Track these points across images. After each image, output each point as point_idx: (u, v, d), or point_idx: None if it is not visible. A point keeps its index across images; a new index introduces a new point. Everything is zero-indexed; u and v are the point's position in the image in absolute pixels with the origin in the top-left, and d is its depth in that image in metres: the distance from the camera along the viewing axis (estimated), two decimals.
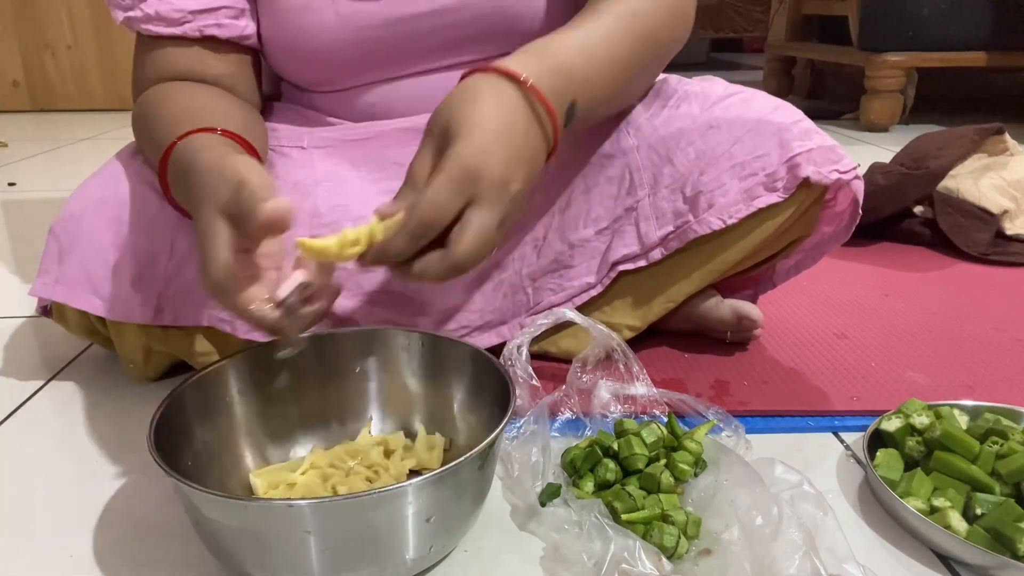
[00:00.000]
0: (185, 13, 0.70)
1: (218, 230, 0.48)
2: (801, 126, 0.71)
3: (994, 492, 0.55)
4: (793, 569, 0.46)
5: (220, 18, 0.71)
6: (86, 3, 2.58)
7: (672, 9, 0.69)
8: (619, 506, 0.53)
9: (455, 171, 0.50)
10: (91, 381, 0.78)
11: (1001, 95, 2.67)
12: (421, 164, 0.53)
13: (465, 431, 0.62)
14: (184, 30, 0.70)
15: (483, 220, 0.50)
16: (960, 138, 1.24)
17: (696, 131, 0.71)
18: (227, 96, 0.72)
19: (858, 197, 0.72)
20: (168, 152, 0.60)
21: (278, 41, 0.75)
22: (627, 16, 0.65)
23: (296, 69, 0.77)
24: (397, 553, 0.47)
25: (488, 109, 0.53)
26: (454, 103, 0.54)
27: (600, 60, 0.63)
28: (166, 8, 0.69)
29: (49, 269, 0.69)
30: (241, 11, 0.73)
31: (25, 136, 2.25)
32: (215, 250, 0.48)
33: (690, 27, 0.72)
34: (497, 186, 0.51)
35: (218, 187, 0.50)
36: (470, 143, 0.51)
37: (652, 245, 0.73)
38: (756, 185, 0.70)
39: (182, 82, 0.72)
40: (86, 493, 0.60)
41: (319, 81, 0.78)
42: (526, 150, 0.54)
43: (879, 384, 0.75)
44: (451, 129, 0.52)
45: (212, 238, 0.48)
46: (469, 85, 0.55)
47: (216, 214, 0.49)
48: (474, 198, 0.50)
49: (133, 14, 0.70)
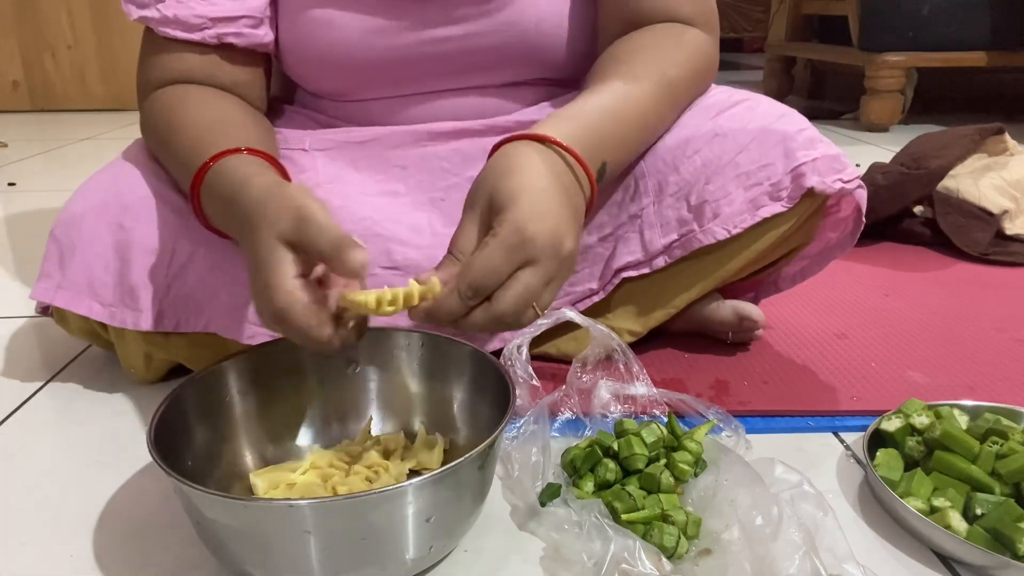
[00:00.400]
0: (205, 20, 0.69)
1: (282, 257, 0.49)
2: (806, 135, 0.70)
3: (994, 492, 0.55)
4: (793, 569, 0.46)
5: (240, 27, 0.71)
6: (86, 3, 2.58)
7: (698, 71, 0.72)
8: (619, 506, 0.53)
9: (510, 237, 0.51)
10: (91, 381, 0.78)
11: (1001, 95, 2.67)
12: (466, 237, 0.54)
13: (465, 431, 0.62)
14: (203, 36, 0.70)
15: (528, 278, 0.51)
16: (960, 138, 1.24)
17: (702, 139, 0.71)
18: (243, 106, 0.73)
19: (861, 205, 0.72)
20: (200, 175, 0.60)
21: (298, 53, 0.75)
22: (662, 83, 0.68)
23: (314, 79, 0.78)
24: (397, 553, 0.47)
25: (532, 174, 0.54)
26: (495, 175, 0.54)
27: (630, 124, 0.65)
28: (185, 13, 0.69)
29: (50, 273, 0.69)
30: (260, 20, 0.72)
31: (25, 136, 2.25)
32: (280, 278, 0.48)
33: (714, 76, 0.76)
34: (551, 250, 0.52)
35: (277, 215, 0.50)
36: (522, 209, 0.51)
37: (656, 253, 0.73)
38: (761, 195, 0.70)
39: (195, 87, 0.71)
40: (86, 493, 0.60)
41: (336, 92, 0.78)
42: (572, 208, 0.55)
43: (879, 384, 0.75)
44: (497, 200, 0.53)
45: (275, 266, 0.49)
46: (507, 155, 0.56)
47: (276, 242, 0.49)
48: (527, 261, 0.51)
49: (149, 14, 0.69)
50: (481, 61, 0.75)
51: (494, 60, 0.75)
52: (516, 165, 0.54)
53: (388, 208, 0.75)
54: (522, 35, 0.73)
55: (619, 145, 0.64)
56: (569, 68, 0.77)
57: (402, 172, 0.77)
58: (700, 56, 0.73)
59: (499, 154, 0.56)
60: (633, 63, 0.68)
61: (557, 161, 0.57)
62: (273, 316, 0.49)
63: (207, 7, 0.69)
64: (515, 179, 0.53)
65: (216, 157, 0.60)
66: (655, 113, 0.69)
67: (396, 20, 0.72)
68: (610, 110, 0.63)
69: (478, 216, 0.54)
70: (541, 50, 0.75)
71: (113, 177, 0.71)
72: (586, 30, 0.76)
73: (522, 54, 0.75)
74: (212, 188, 0.60)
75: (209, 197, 0.61)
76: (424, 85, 0.77)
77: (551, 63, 0.76)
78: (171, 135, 0.66)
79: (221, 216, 0.61)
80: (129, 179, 0.70)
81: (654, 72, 0.68)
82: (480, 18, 0.73)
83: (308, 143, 0.77)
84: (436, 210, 0.76)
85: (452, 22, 0.73)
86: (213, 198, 0.60)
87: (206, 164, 0.60)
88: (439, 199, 0.76)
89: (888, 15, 2.15)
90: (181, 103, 0.69)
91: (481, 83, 0.77)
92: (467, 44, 0.73)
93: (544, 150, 0.56)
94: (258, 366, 0.60)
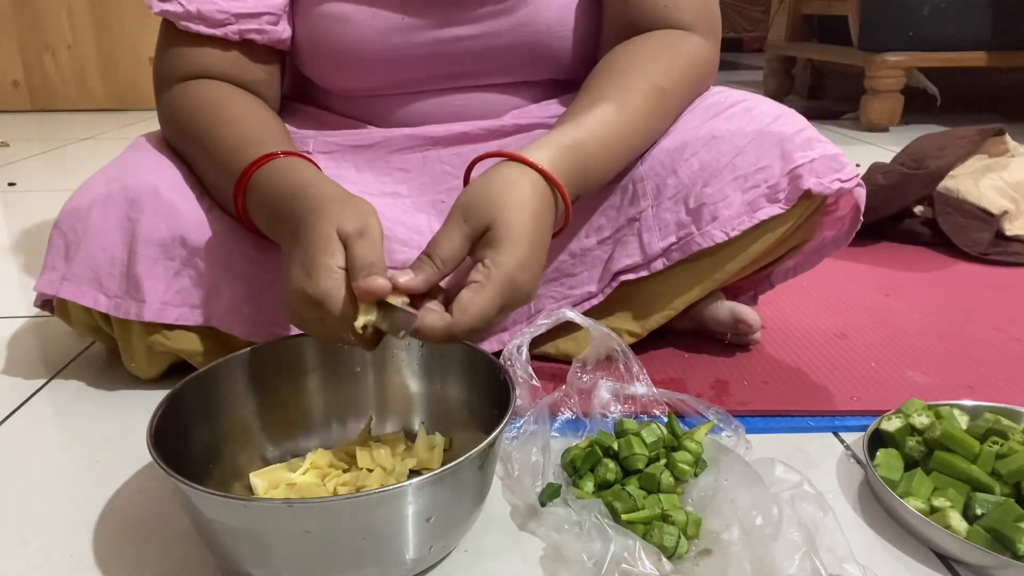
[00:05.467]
0: (229, 15, 0.70)
1: (337, 247, 0.52)
2: (803, 135, 0.70)
3: (994, 492, 0.55)
4: (793, 569, 0.46)
5: (263, 23, 0.71)
6: (86, 3, 2.58)
7: (695, 79, 0.73)
8: (619, 506, 0.53)
9: (504, 284, 0.53)
10: (92, 381, 0.78)
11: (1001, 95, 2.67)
12: (450, 245, 0.55)
13: (465, 431, 0.62)
14: (225, 32, 0.70)
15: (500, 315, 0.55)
16: (961, 139, 1.24)
17: (699, 142, 0.72)
18: (264, 107, 0.74)
19: (859, 204, 0.72)
20: (245, 179, 0.63)
21: (313, 50, 0.75)
22: (654, 96, 0.69)
23: (328, 76, 0.78)
24: (397, 553, 0.47)
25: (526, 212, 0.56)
26: (491, 193, 0.56)
27: (618, 146, 0.67)
28: (209, 8, 0.69)
29: (55, 265, 0.69)
30: (280, 16, 0.73)
31: (25, 136, 2.25)
32: (332, 260, 0.51)
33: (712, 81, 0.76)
34: (525, 298, 0.56)
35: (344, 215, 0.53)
36: (516, 256, 0.54)
37: (654, 256, 0.73)
38: (759, 197, 0.70)
39: (221, 84, 0.72)
40: (86, 493, 0.60)
41: (349, 88, 0.79)
42: (545, 244, 0.58)
43: (879, 384, 0.75)
44: (495, 232, 0.55)
45: (332, 250, 0.52)
46: (505, 177, 0.57)
47: (335, 234, 0.52)
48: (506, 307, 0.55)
49: (171, 8, 0.69)
50: (494, 61, 0.76)
51: (507, 60, 0.76)
52: (512, 193, 0.56)
53: (390, 209, 0.75)
54: (536, 36, 0.74)
55: (602, 168, 0.66)
56: (574, 69, 0.77)
57: (404, 175, 0.78)
58: (696, 64, 0.73)
59: (498, 173, 0.58)
60: (627, 76, 0.69)
61: (545, 193, 0.59)
62: (312, 298, 0.51)
63: (230, 3, 0.69)
64: (513, 215, 0.55)
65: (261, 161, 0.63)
66: (643, 129, 0.70)
67: (416, 18, 0.73)
68: (599, 137, 0.65)
69: (468, 231, 0.55)
70: (552, 51, 0.76)
71: (119, 171, 0.71)
72: (593, 34, 0.76)
73: (533, 55, 0.76)
74: (261, 191, 0.62)
75: (258, 199, 0.62)
76: (434, 83, 0.77)
77: (559, 64, 0.77)
78: (205, 134, 0.68)
79: (270, 214, 0.62)
80: (136, 172, 0.70)
81: (645, 86, 0.68)
82: (498, 17, 0.73)
83: (312, 145, 0.78)
84: (436, 212, 0.77)
85: (471, 21, 0.73)
86: (264, 197, 0.62)
87: (249, 169, 0.62)
88: (440, 201, 0.77)
89: (888, 15, 2.15)
90: (212, 101, 0.70)
91: (490, 82, 0.78)
92: (482, 44, 0.74)
93: (536, 181, 0.58)
94: (258, 366, 0.60)
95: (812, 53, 2.65)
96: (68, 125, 2.44)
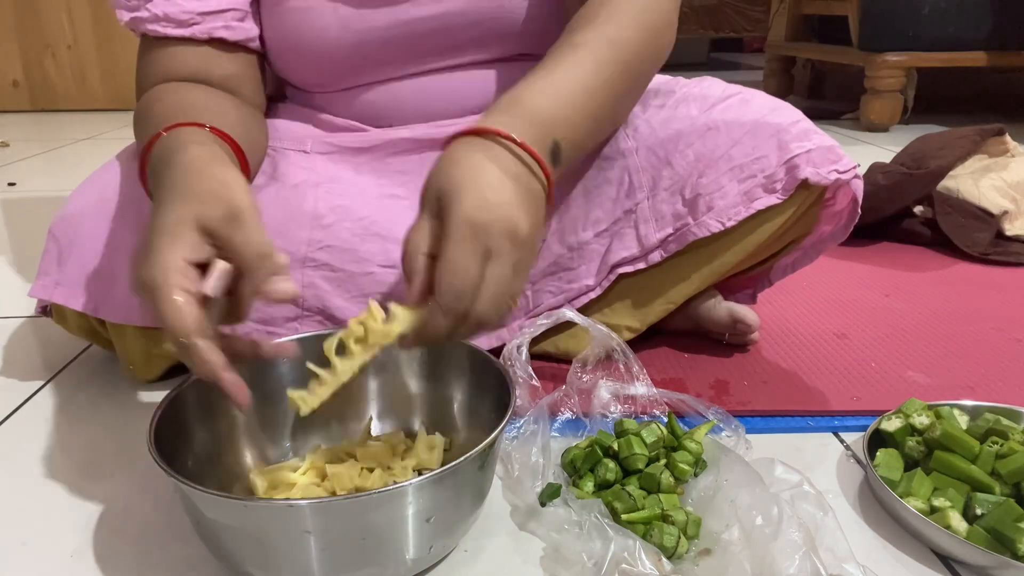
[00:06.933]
0: (193, 15, 0.70)
1: (184, 236, 0.46)
2: (800, 127, 0.71)
3: (994, 492, 0.55)
4: (793, 569, 0.46)
5: (228, 20, 0.71)
6: (86, 3, 2.58)
7: (652, 26, 0.68)
8: (619, 506, 0.53)
9: (462, 230, 0.49)
10: (91, 381, 0.78)
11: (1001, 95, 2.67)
12: (420, 233, 0.52)
13: (465, 431, 0.62)
14: (192, 32, 0.70)
15: (496, 272, 0.50)
16: (961, 139, 1.24)
17: (695, 133, 0.71)
18: (227, 97, 0.72)
19: (857, 196, 0.72)
20: (152, 143, 0.58)
21: (279, 43, 0.75)
22: (602, 46, 0.64)
23: (296, 70, 0.78)
24: (397, 553, 0.47)
25: (476, 167, 0.53)
26: (442, 171, 0.53)
27: (577, 95, 0.62)
28: (174, 9, 0.69)
29: (49, 271, 0.69)
30: (246, 13, 0.73)
31: (25, 136, 2.25)
32: (169, 252, 0.46)
33: (674, 35, 0.71)
34: (507, 235, 0.50)
35: (207, 200, 0.48)
36: (467, 201, 0.50)
37: (651, 247, 0.73)
38: (755, 187, 0.70)
39: (186, 84, 0.71)
40: (86, 493, 0.60)
41: (319, 82, 0.78)
42: (523, 193, 0.54)
43: (879, 384, 0.75)
44: (445, 194, 0.51)
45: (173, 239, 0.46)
46: (452, 152, 0.55)
47: (190, 219, 0.47)
48: (487, 253, 0.50)
49: (140, 14, 0.70)
50: (461, 37, 0.74)
51: (474, 36, 0.74)
52: (460, 159, 0.54)
53: (388, 210, 0.75)
54: (497, 8, 0.73)
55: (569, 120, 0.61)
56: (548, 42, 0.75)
57: (403, 177, 0.78)
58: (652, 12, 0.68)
59: (447, 152, 0.56)
60: (575, 31, 0.65)
61: (501, 152, 0.55)
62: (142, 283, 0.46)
63: (194, 2, 0.69)
64: (460, 172, 0.52)
65: (172, 127, 0.58)
66: (601, 77, 0.64)
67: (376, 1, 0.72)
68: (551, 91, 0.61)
69: (431, 212, 0.53)
70: (516, 23, 0.74)
71: (111, 175, 0.71)
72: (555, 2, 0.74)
73: (499, 29, 0.74)
74: (155, 154, 0.57)
75: (152, 163, 0.57)
76: (407, 67, 0.76)
77: (527, 37, 0.75)
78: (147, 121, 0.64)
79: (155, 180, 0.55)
80: (127, 177, 0.70)
81: (594, 37, 0.64)
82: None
83: (309, 146, 0.77)
84: None
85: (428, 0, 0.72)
86: (155, 163, 0.56)
87: (159, 133, 0.57)
88: None
89: (888, 15, 2.15)
90: (164, 95, 0.68)
91: (462, 60, 0.76)
92: (446, 22, 0.73)
93: (486, 143, 0.55)
94: (258, 366, 0.60)
95: (812, 53, 2.65)
96: (68, 125, 2.44)
